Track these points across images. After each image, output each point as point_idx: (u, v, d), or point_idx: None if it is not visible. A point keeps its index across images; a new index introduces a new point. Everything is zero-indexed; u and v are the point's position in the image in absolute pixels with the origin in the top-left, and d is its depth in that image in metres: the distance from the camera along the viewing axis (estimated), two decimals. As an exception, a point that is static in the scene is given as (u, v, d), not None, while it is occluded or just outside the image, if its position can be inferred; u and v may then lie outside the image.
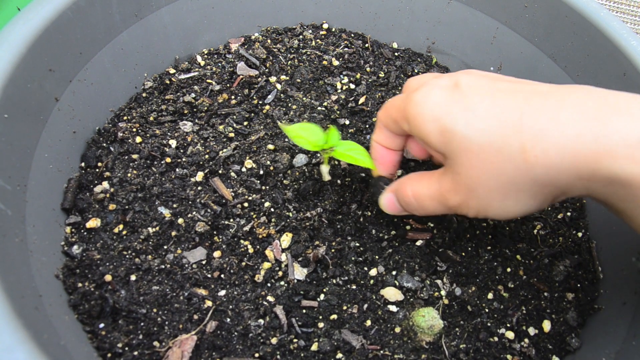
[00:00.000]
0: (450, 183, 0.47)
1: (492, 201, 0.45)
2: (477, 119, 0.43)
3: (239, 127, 0.69)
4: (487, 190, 0.45)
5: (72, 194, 0.58)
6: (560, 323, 0.58)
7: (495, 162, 0.42)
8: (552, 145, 0.40)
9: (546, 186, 0.42)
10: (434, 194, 0.50)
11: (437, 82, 0.48)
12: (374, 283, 0.58)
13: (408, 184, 0.53)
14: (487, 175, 0.44)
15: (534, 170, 0.41)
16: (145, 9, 0.71)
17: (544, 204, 0.46)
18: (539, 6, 0.73)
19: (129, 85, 0.71)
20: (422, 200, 0.51)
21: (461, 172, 0.45)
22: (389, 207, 0.57)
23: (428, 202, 0.51)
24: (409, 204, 0.53)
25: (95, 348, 0.49)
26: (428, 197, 0.50)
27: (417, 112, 0.47)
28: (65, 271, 0.53)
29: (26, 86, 0.54)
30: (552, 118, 0.41)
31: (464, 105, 0.44)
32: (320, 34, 0.84)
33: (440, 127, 0.45)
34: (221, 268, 0.57)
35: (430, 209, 0.51)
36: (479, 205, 0.46)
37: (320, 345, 0.52)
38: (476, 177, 0.44)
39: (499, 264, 0.61)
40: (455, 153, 0.45)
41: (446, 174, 0.48)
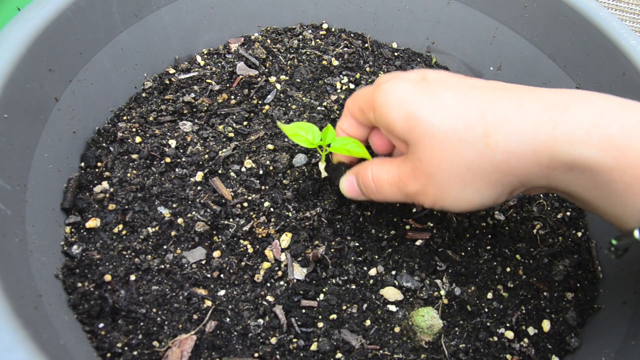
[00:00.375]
0: (410, 169, 0.48)
1: (450, 189, 0.46)
2: (442, 106, 0.44)
3: (238, 127, 0.69)
4: (446, 178, 0.45)
5: (71, 193, 0.58)
6: (559, 323, 0.58)
7: (458, 148, 0.43)
8: (513, 131, 0.41)
9: (506, 174, 0.43)
10: (393, 180, 0.50)
11: (406, 75, 0.49)
12: (373, 283, 0.58)
13: (369, 167, 0.53)
14: (449, 162, 0.44)
15: (495, 155, 0.42)
16: (145, 9, 0.71)
17: (502, 196, 0.46)
18: (539, 6, 0.73)
19: (128, 85, 0.71)
20: (381, 185, 0.51)
21: (422, 159, 0.46)
22: (349, 190, 0.57)
23: (387, 188, 0.51)
24: (369, 188, 0.53)
25: (95, 348, 0.49)
26: (387, 182, 0.51)
27: (385, 100, 0.48)
28: (65, 271, 0.53)
29: (26, 86, 0.54)
30: (515, 107, 0.42)
31: (430, 94, 0.45)
32: (320, 34, 0.84)
33: (406, 113, 0.46)
34: (221, 268, 0.57)
35: (388, 194, 0.51)
36: (436, 193, 0.46)
37: (320, 345, 0.52)
38: (437, 163, 0.45)
39: (498, 264, 0.61)
40: (418, 139, 0.45)
41: (407, 160, 0.48)
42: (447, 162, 0.44)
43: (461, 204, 0.47)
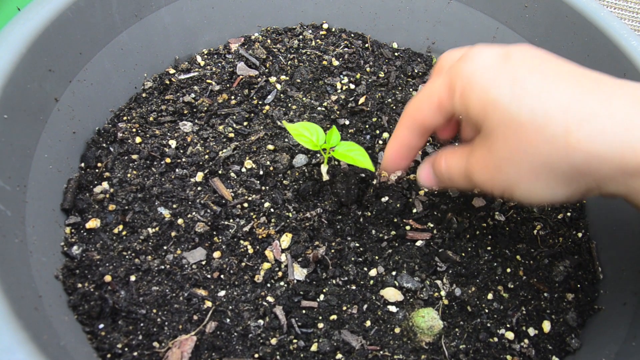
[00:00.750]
0: (479, 159, 0.45)
1: (520, 182, 0.43)
2: (523, 94, 0.40)
3: (238, 127, 0.69)
4: (517, 170, 0.42)
5: (71, 194, 0.58)
6: (560, 323, 0.58)
7: (534, 141, 0.40)
8: (599, 131, 0.37)
9: (583, 175, 0.40)
10: (462, 169, 0.48)
11: (488, 51, 0.45)
12: (373, 283, 0.58)
13: (443, 155, 0.51)
14: (522, 154, 0.41)
15: (574, 155, 0.39)
16: (145, 9, 0.71)
17: (574, 195, 0.42)
18: (539, 6, 0.73)
19: (128, 86, 0.71)
20: (452, 173, 0.49)
21: (494, 148, 0.43)
22: (425, 179, 0.55)
23: (456, 176, 0.49)
24: (442, 176, 0.52)
25: (95, 349, 0.49)
26: (457, 170, 0.49)
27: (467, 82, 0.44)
28: (65, 272, 0.53)
29: (26, 86, 0.54)
30: (603, 103, 0.38)
31: (512, 78, 0.42)
32: (320, 34, 0.84)
33: (484, 97, 0.42)
34: (221, 268, 0.57)
35: (458, 183, 0.50)
36: (505, 184, 0.44)
37: (320, 345, 0.52)
38: (509, 155, 0.42)
39: (498, 265, 0.61)
40: (492, 127, 0.42)
41: (477, 149, 0.46)
42: (520, 155, 0.41)
43: (531, 197, 0.44)
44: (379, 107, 0.74)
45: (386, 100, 0.75)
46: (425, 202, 0.65)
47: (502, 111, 0.41)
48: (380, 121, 0.72)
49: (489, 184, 0.45)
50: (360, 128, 0.72)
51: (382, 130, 0.72)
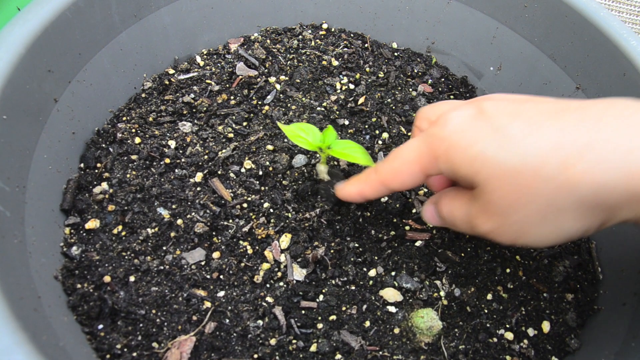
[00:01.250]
0: (480, 210, 0.44)
1: (529, 227, 0.41)
2: (508, 141, 0.40)
3: (238, 127, 0.69)
4: (523, 216, 0.41)
5: (71, 195, 0.58)
6: (559, 324, 0.58)
7: (533, 184, 0.39)
8: (600, 160, 0.36)
9: (592, 208, 0.38)
10: (464, 218, 0.46)
11: (460, 111, 0.44)
12: (373, 284, 0.58)
13: (444, 201, 0.50)
14: (524, 200, 0.40)
15: (579, 188, 0.37)
16: (144, 10, 0.71)
17: (589, 230, 0.41)
18: (539, 6, 0.73)
19: (128, 86, 0.71)
20: (455, 220, 0.48)
21: (492, 200, 0.41)
22: (431, 219, 0.53)
23: (460, 224, 0.48)
24: (446, 221, 0.50)
25: (94, 349, 0.49)
26: (459, 219, 0.47)
27: (446, 147, 0.44)
28: (64, 272, 0.53)
29: (25, 87, 0.54)
30: (595, 131, 0.37)
31: (492, 129, 0.41)
32: (320, 34, 0.84)
33: (469, 154, 0.42)
34: (220, 269, 0.57)
35: (464, 230, 0.48)
36: (513, 232, 0.42)
37: (319, 346, 0.52)
38: (510, 203, 0.40)
39: (498, 265, 0.61)
40: (485, 181, 0.41)
41: (476, 200, 0.44)
42: (522, 201, 0.40)
43: (544, 240, 0.42)
44: (378, 107, 0.74)
45: (386, 101, 0.75)
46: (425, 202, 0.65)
47: (491, 163, 0.40)
48: (379, 121, 0.72)
49: (496, 234, 0.44)
50: (360, 128, 0.72)
51: (381, 130, 0.72)
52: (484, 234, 0.45)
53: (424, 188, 0.66)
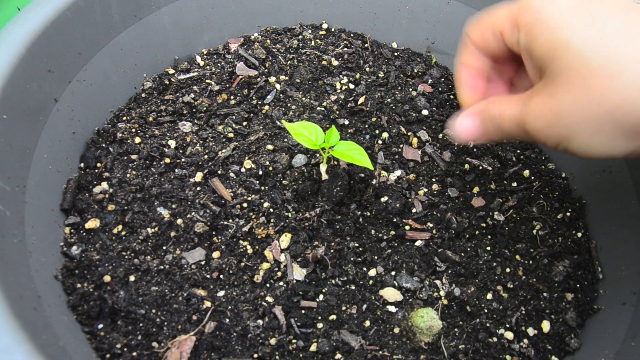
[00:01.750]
0: (538, 104, 0.41)
1: (580, 133, 0.39)
2: (599, 37, 0.37)
3: (238, 127, 0.69)
4: (579, 120, 0.39)
5: (71, 194, 0.58)
6: (559, 323, 0.58)
7: (604, 89, 0.36)
8: None
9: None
10: (515, 116, 0.44)
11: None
12: (373, 283, 0.58)
13: (496, 102, 0.48)
14: (587, 103, 0.37)
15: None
16: (144, 10, 0.71)
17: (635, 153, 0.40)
18: (539, 6, 0.73)
19: (128, 86, 0.71)
20: (504, 121, 0.46)
21: (557, 94, 0.39)
22: (468, 132, 0.51)
23: (508, 124, 0.46)
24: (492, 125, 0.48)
25: (94, 349, 0.49)
26: (509, 118, 0.45)
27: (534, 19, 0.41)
28: (64, 272, 0.53)
29: (25, 87, 0.54)
30: None
31: (590, 18, 0.38)
32: (320, 34, 0.84)
33: (554, 37, 0.39)
34: (220, 269, 0.57)
35: (509, 131, 0.46)
36: (563, 133, 0.40)
37: (319, 345, 0.52)
38: (573, 102, 0.38)
39: (498, 264, 0.61)
40: (559, 71, 0.39)
41: (537, 94, 0.42)
42: (585, 102, 0.38)
43: (588, 150, 0.40)
44: (378, 107, 0.74)
45: (385, 100, 0.75)
46: (425, 202, 0.65)
47: (574, 54, 0.38)
48: (379, 121, 0.72)
49: (544, 133, 0.42)
50: (360, 128, 0.72)
51: (381, 130, 0.72)
52: (532, 131, 0.43)
53: (424, 188, 0.66)
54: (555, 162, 0.73)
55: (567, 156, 0.71)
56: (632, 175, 0.62)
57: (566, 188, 0.70)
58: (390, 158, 0.69)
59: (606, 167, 0.66)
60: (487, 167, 0.69)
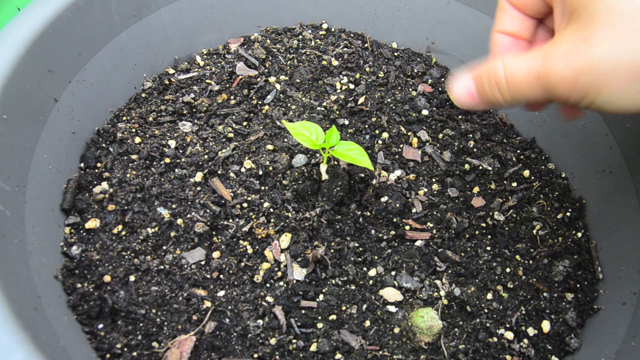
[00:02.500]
0: (565, 53, 0.38)
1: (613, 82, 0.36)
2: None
3: (238, 127, 0.69)
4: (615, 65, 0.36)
5: (71, 194, 0.58)
6: (559, 323, 0.58)
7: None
8: None
9: None
10: (534, 69, 0.40)
11: None
12: (373, 283, 0.58)
13: (500, 61, 0.43)
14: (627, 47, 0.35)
15: None
16: (144, 10, 0.71)
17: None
18: (539, 6, 0.73)
19: (128, 86, 0.71)
20: (516, 78, 0.42)
21: (592, 38, 0.36)
22: (463, 97, 0.47)
23: (523, 81, 0.42)
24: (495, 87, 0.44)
25: (94, 349, 0.49)
26: (525, 73, 0.41)
27: None
28: (65, 272, 0.53)
29: (25, 87, 0.54)
30: None
31: None
32: (320, 34, 0.84)
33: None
34: (220, 268, 0.57)
35: (522, 89, 0.42)
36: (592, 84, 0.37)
37: (319, 345, 0.52)
38: (610, 46, 0.36)
39: (498, 264, 0.61)
40: (597, 13, 0.36)
41: (563, 42, 0.39)
42: (625, 46, 0.35)
43: (618, 103, 0.38)
44: (378, 107, 0.74)
45: (385, 100, 0.75)
46: (425, 202, 0.65)
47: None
48: (379, 121, 0.72)
49: (570, 84, 0.38)
50: (360, 128, 0.72)
51: (381, 130, 0.72)
52: (556, 83, 0.40)
53: (424, 188, 0.66)
54: (555, 162, 0.73)
55: (567, 156, 0.72)
56: (632, 175, 0.62)
57: (566, 188, 0.70)
58: (390, 158, 0.69)
59: (606, 167, 0.66)
60: (487, 167, 0.69)
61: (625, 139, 0.64)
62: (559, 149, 0.73)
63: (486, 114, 0.79)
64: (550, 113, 0.74)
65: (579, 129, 0.70)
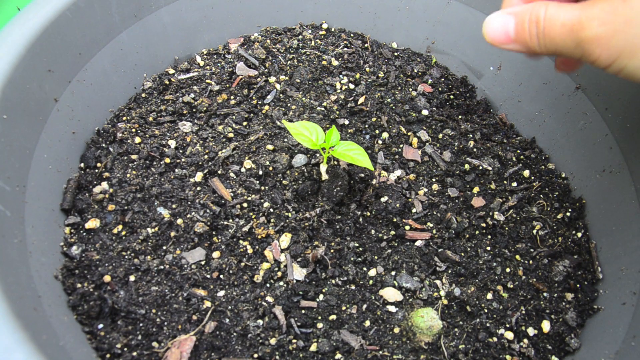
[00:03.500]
0: (602, 10, 0.37)
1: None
2: None
3: (238, 127, 0.69)
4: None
5: (71, 194, 0.58)
6: (559, 323, 0.58)
7: None
8: None
9: None
10: (570, 20, 0.39)
11: None
12: (373, 283, 0.58)
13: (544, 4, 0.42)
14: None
15: None
16: (144, 10, 0.71)
17: None
18: (539, 6, 0.73)
19: (128, 86, 0.71)
20: (552, 25, 0.41)
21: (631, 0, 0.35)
22: (497, 32, 0.45)
23: (557, 29, 0.40)
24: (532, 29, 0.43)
25: (94, 349, 0.49)
26: (561, 23, 0.40)
27: None
28: (65, 272, 0.53)
29: (25, 87, 0.54)
30: None
31: None
32: (320, 34, 0.84)
33: None
34: (220, 268, 0.57)
35: (555, 38, 0.41)
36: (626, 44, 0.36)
37: (319, 345, 0.52)
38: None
39: (498, 264, 0.61)
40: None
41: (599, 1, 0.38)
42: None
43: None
44: (378, 107, 0.74)
45: (385, 100, 0.75)
46: (425, 202, 0.65)
47: None
48: (379, 121, 0.72)
49: (603, 44, 0.38)
50: (360, 128, 0.72)
51: (381, 130, 0.72)
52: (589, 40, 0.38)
53: (424, 188, 0.66)
54: (555, 162, 0.73)
55: (567, 156, 0.72)
56: (632, 175, 0.62)
57: (566, 188, 0.70)
58: (390, 158, 0.69)
59: (606, 167, 0.66)
60: (487, 167, 0.69)
61: (625, 139, 0.64)
62: (559, 149, 0.73)
63: (486, 113, 0.79)
64: (550, 113, 0.74)
65: (579, 129, 0.70)
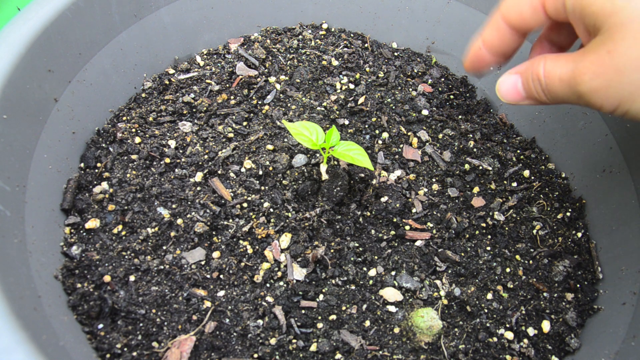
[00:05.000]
0: (592, 63, 0.39)
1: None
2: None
3: (238, 127, 0.69)
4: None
5: (71, 194, 0.58)
6: (559, 323, 0.58)
7: None
8: None
9: None
10: (566, 75, 0.41)
11: None
12: (373, 283, 0.58)
13: (542, 61, 0.44)
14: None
15: None
16: (144, 10, 0.71)
17: None
18: (539, 6, 0.73)
19: (128, 86, 0.71)
20: (552, 81, 0.43)
21: (617, 50, 0.37)
22: (509, 93, 0.49)
23: (557, 84, 0.43)
24: (536, 85, 0.45)
25: (94, 349, 0.49)
26: (559, 78, 0.42)
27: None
28: (65, 272, 0.53)
29: (25, 87, 0.54)
30: None
31: None
32: (320, 34, 0.84)
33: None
34: (220, 268, 0.57)
35: (557, 92, 0.43)
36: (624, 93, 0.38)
37: (319, 345, 0.52)
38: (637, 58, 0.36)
39: (498, 264, 0.61)
40: (620, 24, 0.37)
41: (592, 51, 0.39)
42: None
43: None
44: (378, 107, 0.74)
45: (385, 100, 0.75)
46: (425, 202, 0.65)
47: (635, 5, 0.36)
48: (379, 121, 0.72)
49: (602, 95, 0.39)
50: (360, 128, 0.72)
51: (381, 130, 0.72)
52: (587, 93, 0.40)
53: (424, 188, 0.66)
54: (555, 162, 0.73)
55: (567, 156, 0.72)
56: (632, 176, 0.62)
57: (566, 188, 0.70)
58: (390, 158, 0.69)
59: (606, 167, 0.66)
60: (487, 167, 0.69)
61: (625, 139, 0.64)
62: (559, 149, 0.73)
63: (486, 113, 0.79)
64: (550, 113, 0.74)
65: (579, 129, 0.70)
